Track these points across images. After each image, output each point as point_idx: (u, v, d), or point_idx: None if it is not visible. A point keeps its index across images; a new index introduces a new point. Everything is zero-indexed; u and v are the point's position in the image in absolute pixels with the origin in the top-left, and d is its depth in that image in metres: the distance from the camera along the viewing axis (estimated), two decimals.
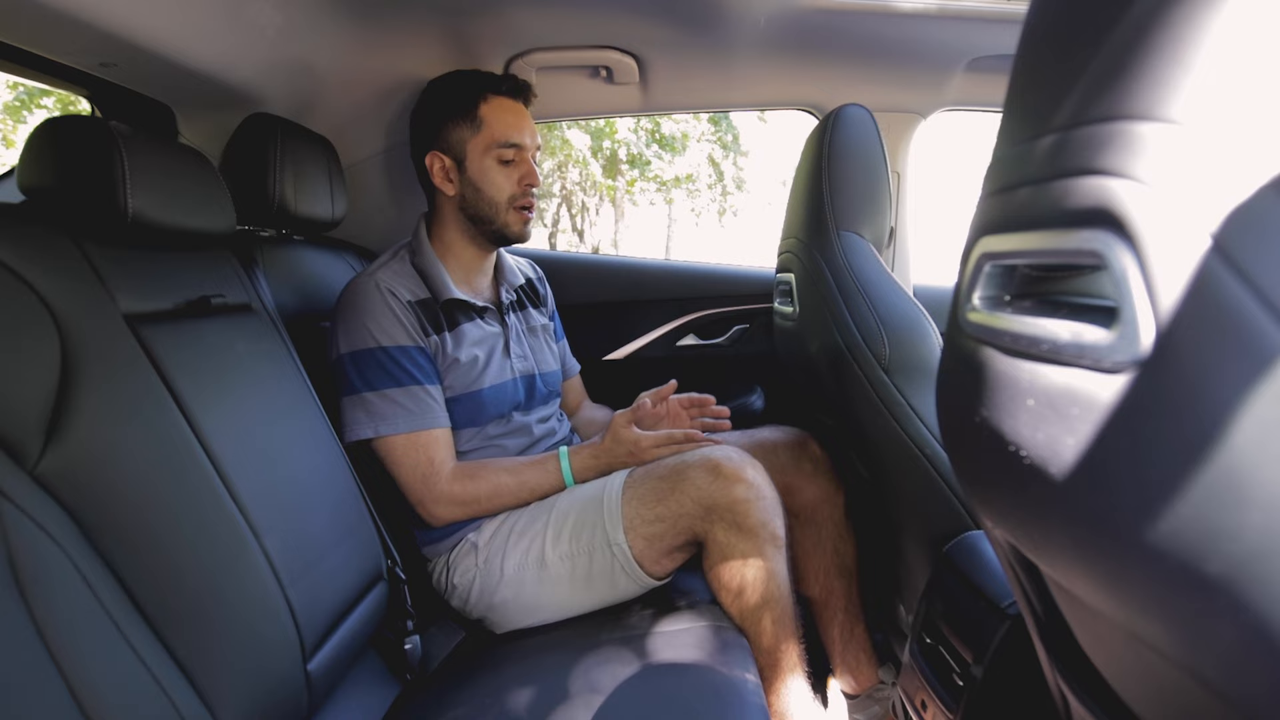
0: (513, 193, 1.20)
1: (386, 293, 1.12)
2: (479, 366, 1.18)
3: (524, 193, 1.21)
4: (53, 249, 0.72)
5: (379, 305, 1.11)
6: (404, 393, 1.10)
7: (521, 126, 1.20)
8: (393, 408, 1.09)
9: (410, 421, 1.10)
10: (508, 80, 1.22)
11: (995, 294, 0.44)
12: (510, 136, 1.19)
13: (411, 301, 1.15)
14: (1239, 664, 0.30)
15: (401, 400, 1.09)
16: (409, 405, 1.10)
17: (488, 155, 1.19)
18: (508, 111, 1.20)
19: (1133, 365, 0.30)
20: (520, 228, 1.22)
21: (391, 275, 1.16)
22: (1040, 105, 0.39)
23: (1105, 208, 0.31)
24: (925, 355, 1.03)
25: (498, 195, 1.19)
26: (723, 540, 1.04)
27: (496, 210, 1.20)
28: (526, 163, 1.21)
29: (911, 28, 1.34)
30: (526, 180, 1.20)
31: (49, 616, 0.58)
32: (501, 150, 1.19)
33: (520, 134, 1.20)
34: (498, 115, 1.19)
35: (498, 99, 1.20)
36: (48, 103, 6.28)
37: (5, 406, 0.62)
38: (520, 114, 1.21)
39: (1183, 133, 0.28)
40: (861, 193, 1.14)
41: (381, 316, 1.11)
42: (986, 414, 0.43)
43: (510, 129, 1.19)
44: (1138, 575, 0.33)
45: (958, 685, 0.86)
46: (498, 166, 1.19)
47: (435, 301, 1.18)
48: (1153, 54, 0.29)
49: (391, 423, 1.09)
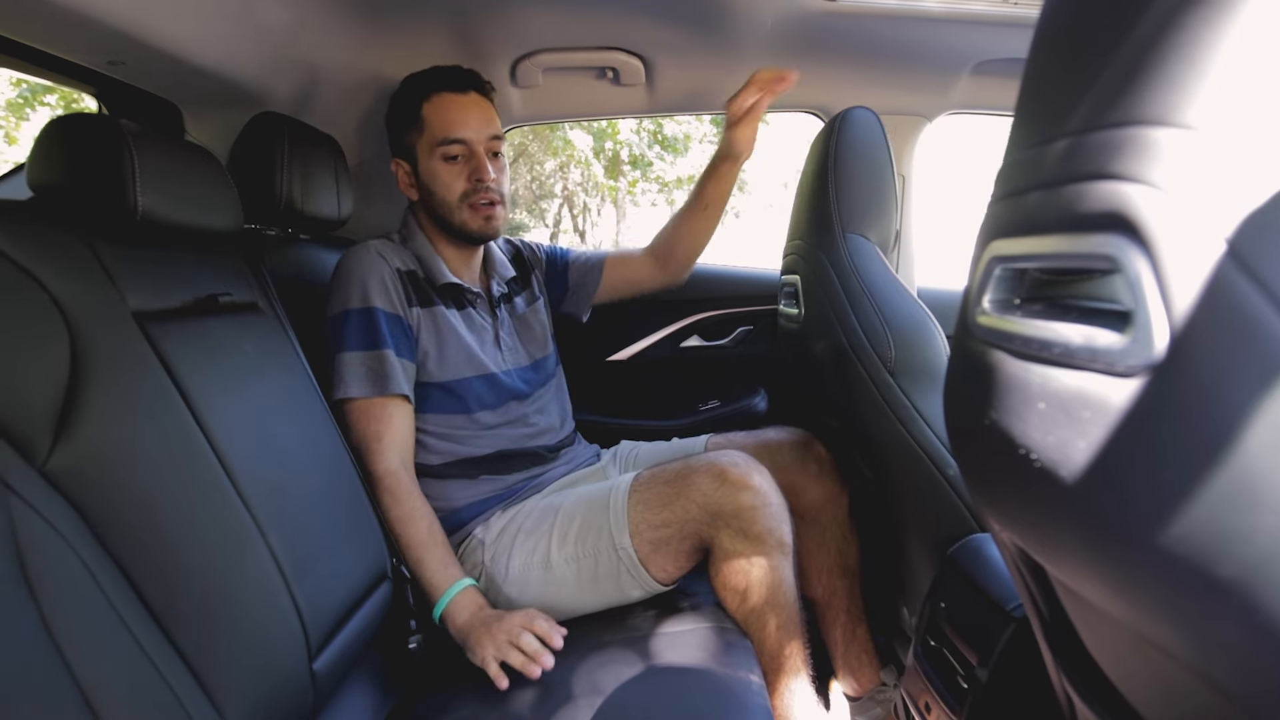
0: (464, 189, 1.18)
1: (379, 257, 1.14)
2: (469, 355, 1.19)
3: (474, 188, 1.18)
4: (62, 247, 0.72)
5: (369, 266, 1.13)
6: (367, 357, 1.09)
7: (464, 120, 1.17)
8: (352, 370, 1.09)
9: (360, 388, 1.09)
10: (450, 73, 1.19)
11: (1005, 297, 0.44)
12: (450, 133, 1.16)
13: (401, 271, 1.16)
14: (1250, 665, 0.30)
15: (362, 364, 1.09)
16: (366, 370, 1.09)
17: (433, 156, 1.18)
18: (449, 107, 1.17)
19: (1146, 369, 0.31)
20: (480, 224, 1.19)
21: (387, 245, 1.18)
22: (1052, 110, 0.39)
23: (1119, 212, 0.31)
24: (930, 358, 1.03)
25: (448, 195, 1.18)
26: (729, 546, 1.04)
27: (450, 210, 1.19)
28: (476, 156, 1.18)
29: (918, 31, 1.34)
30: (475, 175, 1.17)
31: (57, 613, 0.58)
32: (445, 148, 1.17)
33: (462, 128, 1.17)
34: (438, 113, 1.17)
35: (439, 96, 1.18)
36: (50, 100, 6.29)
37: (15, 403, 0.62)
38: (464, 107, 1.18)
39: (1198, 138, 0.28)
40: (867, 195, 1.14)
41: (368, 277, 1.12)
42: (996, 417, 0.43)
43: (450, 125, 1.17)
44: (1149, 577, 0.33)
45: (962, 687, 0.86)
46: (444, 165, 1.18)
47: (427, 280, 1.19)
48: (1168, 60, 0.29)
49: (344, 386, 1.09)
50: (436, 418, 1.18)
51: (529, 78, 1.48)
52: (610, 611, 1.11)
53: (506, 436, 1.23)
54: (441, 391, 1.17)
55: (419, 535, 1.06)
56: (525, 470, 1.23)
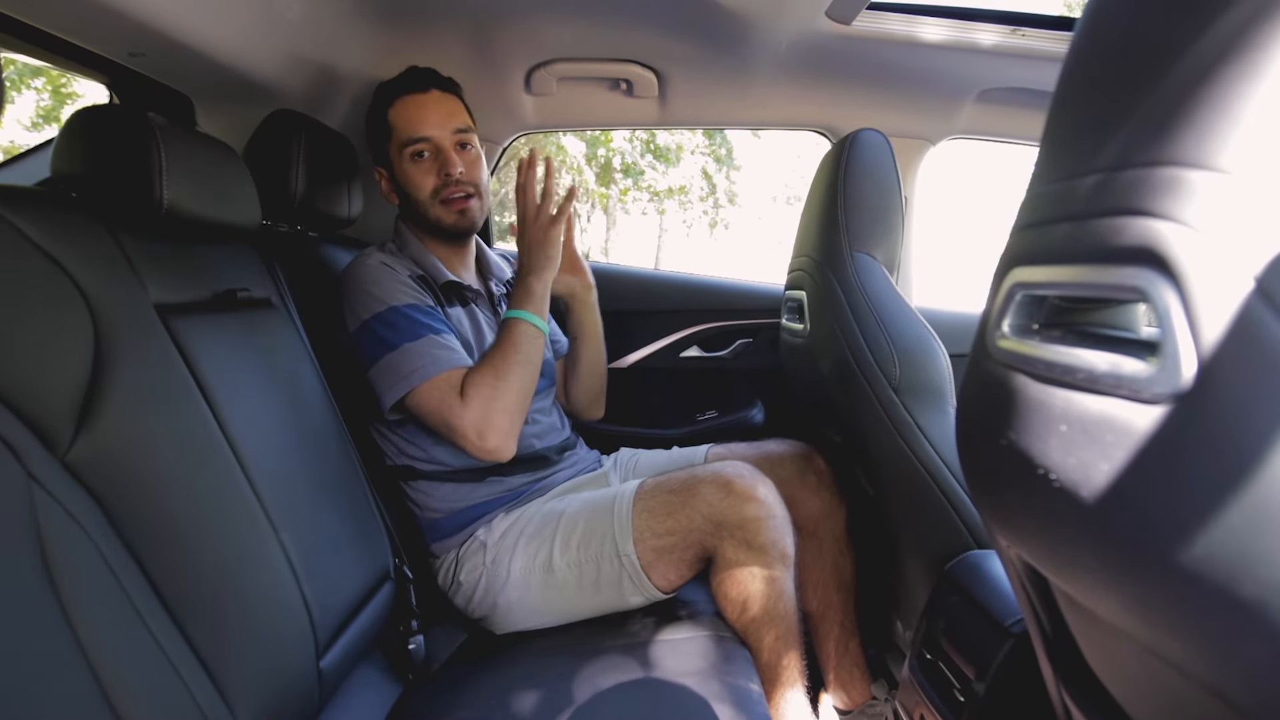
0: (434, 185, 1.21)
1: (384, 265, 1.16)
2: (474, 353, 1.20)
3: (444, 183, 1.20)
4: (89, 236, 0.72)
5: (380, 272, 1.14)
6: (423, 344, 1.09)
7: (424, 119, 1.20)
8: (414, 360, 1.08)
9: (431, 368, 1.08)
10: (409, 76, 1.22)
11: (1024, 322, 0.46)
12: (414, 132, 1.19)
13: (410, 276, 1.17)
14: (1265, 680, 0.32)
15: (419, 353, 1.08)
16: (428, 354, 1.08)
17: (403, 158, 1.21)
18: (410, 108, 1.20)
19: (1172, 397, 0.32)
20: (454, 218, 1.22)
21: (389, 255, 1.20)
22: (1083, 144, 0.41)
23: (1151, 247, 0.33)
24: (934, 376, 1.05)
25: (419, 193, 1.21)
26: (732, 557, 1.05)
27: (426, 208, 1.22)
28: (443, 152, 1.20)
29: (927, 58, 1.37)
30: (444, 169, 1.20)
31: (76, 603, 0.58)
32: (411, 147, 1.20)
33: (423, 126, 1.19)
34: (401, 115, 1.20)
35: (401, 100, 1.21)
36: (38, 83, 6.23)
37: (39, 392, 0.62)
38: (423, 105, 1.20)
39: (1231, 181, 0.30)
40: (875, 215, 1.16)
41: (389, 281, 1.13)
42: (1015, 437, 0.44)
43: (413, 125, 1.20)
44: (1167, 596, 0.35)
45: (958, 701, 0.87)
46: (413, 165, 1.21)
47: (434, 281, 1.21)
48: (1203, 106, 0.31)
49: (409, 378, 1.07)
50: None
51: (544, 86, 1.50)
52: (610, 617, 1.12)
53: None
54: None
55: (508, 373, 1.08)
56: (530, 473, 1.23)
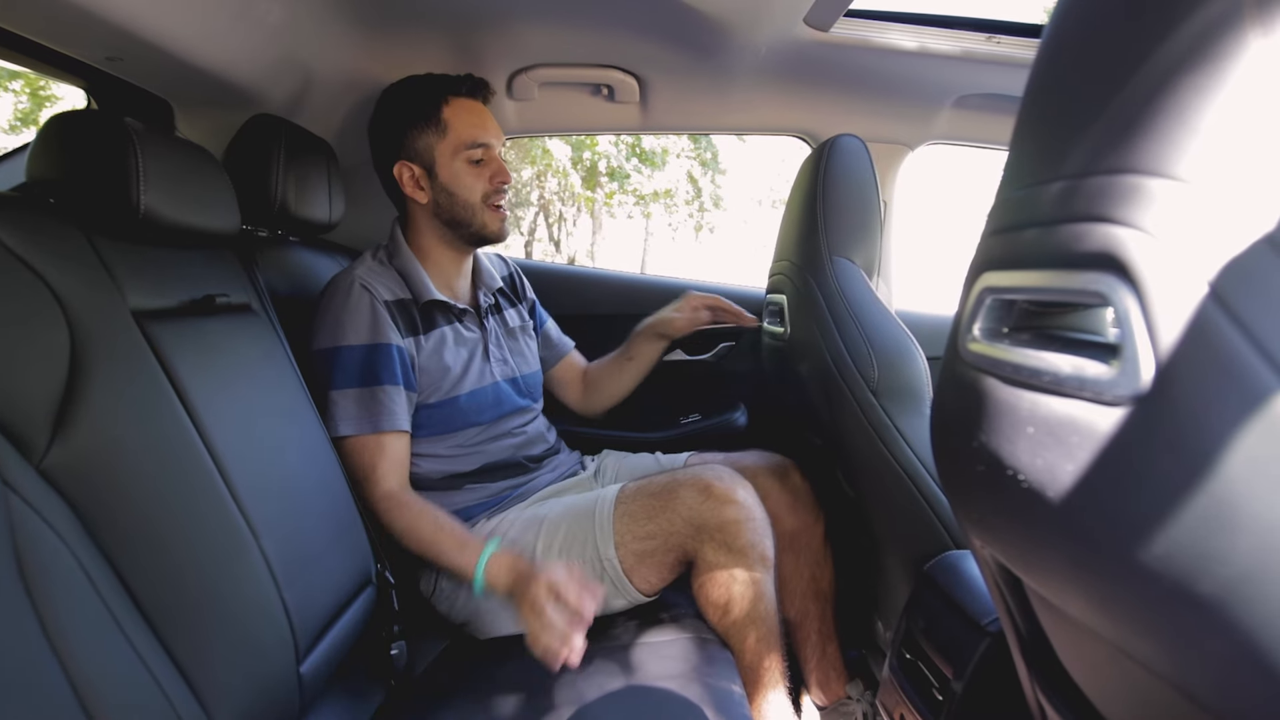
0: (485, 191, 1.21)
1: (365, 290, 1.13)
2: (458, 372, 1.19)
3: (496, 190, 1.22)
4: (64, 241, 0.72)
5: (356, 302, 1.12)
6: (362, 394, 1.09)
7: (486, 125, 1.21)
8: (347, 408, 1.09)
9: (365, 425, 1.08)
10: (466, 81, 1.22)
11: (994, 326, 0.47)
12: (478, 137, 1.19)
13: (390, 301, 1.15)
14: (1228, 679, 0.32)
15: (357, 401, 1.09)
16: (362, 407, 1.09)
17: (457, 158, 1.19)
18: (471, 112, 1.21)
19: (1132, 399, 0.33)
20: (499, 226, 1.23)
21: (371, 274, 1.16)
22: (1048, 152, 0.42)
23: (1111, 253, 0.34)
24: (912, 379, 1.06)
25: (471, 197, 1.20)
26: (712, 559, 1.06)
27: (473, 212, 1.21)
28: (496, 160, 1.22)
29: (904, 64, 1.39)
30: (499, 178, 1.21)
31: (52, 612, 0.58)
32: (470, 151, 1.19)
33: (486, 133, 1.20)
34: (461, 117, 1.20)
35: (459, 100, 1.20)
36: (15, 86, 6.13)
37: (14, 398, 0.62)
38: (482, 113, 1.22)
39: (1187, 190, 0.31)
40: (855, 220, 1.18)
41: (357, 313, 1.11)
42: (985, 439, 0.45)
43: (476, 129, 1.20)
44: (1130, 594, 0.36)
45: (937, 700, 0.88)
46: (469, 168, 1.20)
47: (414, 302, 1.18)
48: (1162, 116, 0.32)
49: (340, 423, 1.08)
50: (427, 441, 1.18)
51: (525, 90, 1.50)
52: (592, 621, 1.12)
53: (495, 449, 1.23)
54: (431, 412, 1.17)
55: (426, 534, 1.06)
56: (511, 479, 1.23)
